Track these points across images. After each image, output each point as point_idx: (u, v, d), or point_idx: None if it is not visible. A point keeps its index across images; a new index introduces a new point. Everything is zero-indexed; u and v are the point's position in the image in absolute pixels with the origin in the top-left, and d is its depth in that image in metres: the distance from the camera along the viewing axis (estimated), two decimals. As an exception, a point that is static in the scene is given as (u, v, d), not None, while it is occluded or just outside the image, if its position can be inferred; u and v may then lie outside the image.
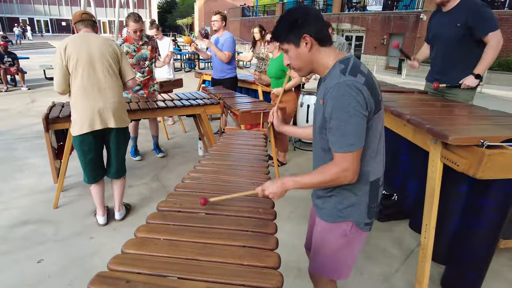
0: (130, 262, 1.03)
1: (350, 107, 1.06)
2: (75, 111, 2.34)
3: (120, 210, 2.77)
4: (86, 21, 2.40)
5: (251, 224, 1.24)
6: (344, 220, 1.27)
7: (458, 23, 2.50)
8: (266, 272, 1.00)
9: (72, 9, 38.40)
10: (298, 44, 1.17)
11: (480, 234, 1.89)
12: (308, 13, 1.16)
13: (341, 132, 1.09)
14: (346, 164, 1.12)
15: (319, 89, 1.27)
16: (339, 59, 1.17)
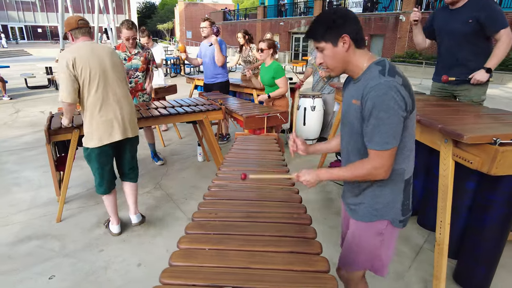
0: (181, 274, 1.02)
1: (389, 107, 1.10)
2: (91, 124, 2.28)
3: (137, 213, 2.75)
4: (83, 28, 2.29)
5: (290, 230, 1.26)
6: (379, 219, 1.30)
7: (470, 19, 2.48)
8: (319, 276, 1.01)
9: (48, 16, 37.40)
10: (336, 43, 1.19)
11: (490, 229, 1.97)
12: (348, 14, 1.19)
13: (378, 131, 1.13)
14: (380, 161, 1.16)
15: (349, 89, 1.31)
16: (373, 61, 1.21)
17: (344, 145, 1.37)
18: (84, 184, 3.55)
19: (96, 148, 2.32)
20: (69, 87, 2.16)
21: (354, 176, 1.22)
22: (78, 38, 2.29)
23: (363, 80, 1.20)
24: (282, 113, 3.20)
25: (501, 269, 2.15)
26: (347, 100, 1.30)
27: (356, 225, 1.37)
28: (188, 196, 3.32)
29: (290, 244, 1.17)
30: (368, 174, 1.19)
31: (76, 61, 2.14)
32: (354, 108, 1.23)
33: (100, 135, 2.29)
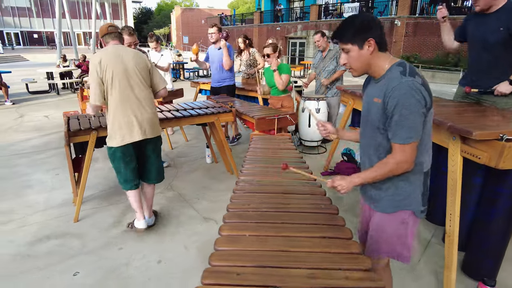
0: (228, 257, 1.12)
1: (411, 104, 1.20)
2: (113, 124, 2.40)
3: (151, 216, 2.82)
4: (112, 33, 2.47)
5: (320, 219, 1.36)
6: (402, 209, 1.40)
7: (501, 27, 2.38)
8: (355, 257, 1.11)
9: (44, 21, 37.36)
10: (361, 46, 1.29)
11: (497, 222, 2.09)
12: (374, 20, 1.29)
13: (401, 126, 1.23)
14: (404, 155, 1.26)
15: (370, 88, 1.42)
16: (394, 63, 1.31)
17: (364, 143, 1.47)
18: (96, 185, 3.62)
19: (119, 147, 2.42)
20: (96, 90, 2.30)
21: (383, 174, 1.31)
22: (108, 43, 2.46)
23: (384, 80, 1.31)
24: (291, 114, 3.31)
25: (505, 262, 2.25)
26: (369, 98, 1.40)
27: (380, 217, 1.46)
28: (200, 196, 3.41)
29: (322, 230, 1.27)
30: (395, 168, 1.29)
31: (101, 63, 2.28)
32: (376, 106, 1.33)
33: (122, 135, 2.40)
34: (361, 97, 3.07)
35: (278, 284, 0.99)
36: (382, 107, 1.29)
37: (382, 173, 1.32)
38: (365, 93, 1.48)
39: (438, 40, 14.17)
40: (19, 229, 2.80)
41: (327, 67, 4.64)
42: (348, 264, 1.07)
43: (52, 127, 6.04)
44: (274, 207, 1.45)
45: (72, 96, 9.33)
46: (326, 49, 4.65)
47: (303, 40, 20.86)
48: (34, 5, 36.82)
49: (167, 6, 57.52)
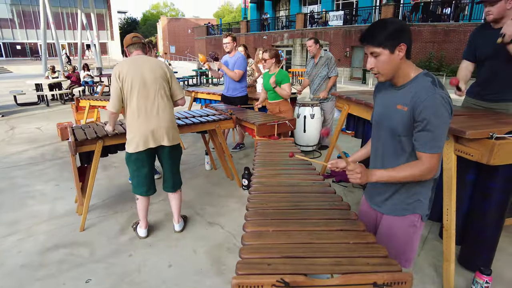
0: (257, 250, 1.21)
1: (443, 115, 1.23)
2: (130, 131, 2.50)
3: (179, 222, 2.91)
4: (136, 44, 2.56)
5: (335, 214, 1.47)
6: (412, 213, 1.45)
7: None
8: (372, 246, 1.23)
9: (27, 32, 36.82)
10: (393, 51, 1.29)
11: (490, 215, 2.24)
12: (406, 25, 1.31)
13: (433, 136, 1.25)
14: (433, 163, 1.29)
15: (389, 94, 1.42)
16: (421, 72, 1.34)
17: (378, 146, 1.49)
18: (99, 195, 3.65)
19: (134, 153, 2.52)
20: (114, 98, 2.42)
21: (407, 177, 1.32)
22: (132, 53, 2.58)
23: (410, 88, 1.32)
24: (290, 120, 3.44)
25: (499, 252, 2.40)
26: (389, 104, 1.40)
27: (389, 220, 1.50)
28: (204, 202, 3.48)
29: (338, 224, 1.38)
30: (422, 175, 1.31)
31: (121, 73, 2.40)
32: (400, 113, 1.33)
33: (137, 142, 2.49)
34: (361, 103, 3.25)
35: (305, 272, 1.09)
36: (409, 116, 1.30)
37: (408, 175, 1.32)
38: (380, 97, 1.51)
39: (420, 46, 14.72)
40: (26, 240, 2.81)
41: (319, 73, 4.80)
42: (367, 252, 1.18)
43: (46, 138, 6.00)
44: (291, 205, 1.55)
45: (63, 108, 9.27)
46: (317, 55, 4.80)
47: (290, 48, 21.23)
48: (16, 16, 36.29)
49: (152, 16, 57.58)
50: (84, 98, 5.78)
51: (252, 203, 1.57)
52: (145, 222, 2.80)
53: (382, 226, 1.55)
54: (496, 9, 2.38)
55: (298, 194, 1.67)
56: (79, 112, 5.95)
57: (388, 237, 1.51)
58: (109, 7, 40.55)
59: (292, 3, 24.01)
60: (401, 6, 16.57)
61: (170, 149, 2.65)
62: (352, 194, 3.66)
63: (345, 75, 17.34)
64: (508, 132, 2.02)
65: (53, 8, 20.77)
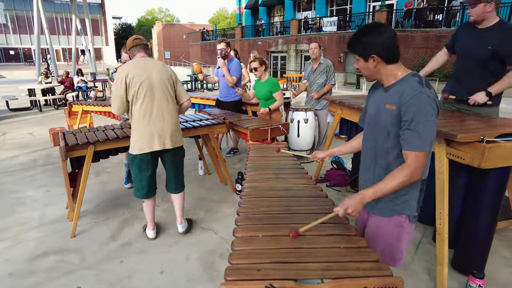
0: (247, 256, 1.19)
1: (429, 113, 1.26)
2: (135, 134, 2.51)
3: (182, 223, 2.90)
4: (138, 46, 2.54)
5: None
6: (399, 214, 1.47)
7: (489, 45, 2.45)
8: (364, 250, 1.21)
9: (21, 37, 36.63)
10: (366, 60, 1.37)
11: (483, 217, 2.25)
12: (378, 36, 1.32)
13: (418, 134, 1.27)
14: (419, 162, 1.30)
15: (379, 95, 1.46)
16: (409, 73, 1.37)
17: (370, 146, 1.51)
18: (91, 200, 3.60)
19: (137, 155, 2.52)
20: (118, 101, 2.43)
21: (398, 184, 1.31)
22: (135, 55, 2.56)
23: (397, 87, 1.36)
24: (283, 124, 3.43)
25: (491, 255, 2.40)
26: (378, 104, 1.45)
27: (377, 220, 1.52)
28: (197, 207, 3.45)
29: (329, 228, 1.37)
30: (410, 177, 1.31)
31: (128, 76, 2.38)
32: (389, 112, 1.37)
33: (141, 144, 2.50)
34: (354, 108, 3.26)
35: (295, 277, 1.07)
36: (397, 114, 1.33)
37: (399, 183, 1.32)
38: (372, 98, 1.54)
39: (413, 51, 14.89)
40: (14, 247, 2.75)
41: (317, 80, 4.77)
42: (357, 257, 1.17)
43: (38, 144, 5.94)
44: (282, 209, 1.54)
45: (56, 113, 9.19)
46: (317, 60, 4.78)
47: (284, 54, 21.34)
48: (10, 21, 36.12)
49: (147, 21, 57.68)
50: (77, 103, 5.74)
51: (243, 207, 1.56)
52: (153, 223, 2.83)
53: (369, 226, 1.58)
54: (475, 12, 2.48)
55: (290, 198, 1.66)
56: (72, 117, 5.90)
57: (375, 237, 1.53)
58: (104, 13, 40.56)
59: (287, 9, 24.20)
60: (394, 12, 16.77)
61: (173, 152, 2.66)
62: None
63: (339, 80, 17.44)
64: (498, 136, 2.04)
65: (47, 13, 20.72)
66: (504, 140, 2.00)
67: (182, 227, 2.91)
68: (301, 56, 20.28)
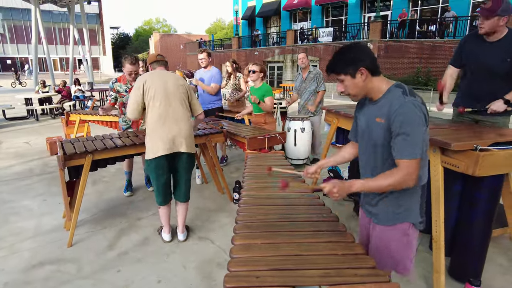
0: (245, 263, 1.20)
1: (415, 122, 1.29)
2: (150, 138, 2.59)
3: (184, 232, 2.96)
4: (160, 61, 2.82)
5: (323, 226, 1.47)
6: (402, 222, 1.47)
7: (508, 57, 2.42)
8: (360, 257, 1.23)
9: (18, 47, 36.72)
10: (354, 75, 1.38)
11: (478, 225, 2.27)
12: (364, 49, 1.39)
13: (407, 143, 1.30)
14: (410, 169, 1.31)
15: (368, 109, 1.49)
16: (392, 84, 1.41)
17: (366, 159, 1.53)
18: (89, 209, 3.59)
19: (153, 160, 2.60)
20: (133, 106, 2.59)
21: (387, 185, 1.34)
22: (155, 69, 2.80)
23: (384, 100, 1.39)
24: (280, 133, 3.46)
25: (488, 263, 2.42)
26: (368, 118, 1.48)
27: (381, 229, 1.51)
28: (194, 217, 3.44)
29: (326, 236, 1.39)
30: (401, 182, 1.33)
31: (146, 83, 2.57)
32: (379, 125, 1.40)
33: (156, 148, 2.57)
34: (349, 117, 3.30)
35: (294, 284, 1.09)
36: (387, 127, 1.37)
37: (388, 184, 1.34)
38: (361, 112, 1.56)
39: (408, 61, 15.11)
40: (9, 257, 2.73)
41: (308, 88, 4.86)
42: (355, 263, 1.19)
43: (34, 153, 5.92)
44: (280, 217, 1.55)
45: (52, 122, 9.17)
46: (306, 69, 4.87)
47: (281, 64, 21.55)
48: (8, 31, 36.26)
49: (145, 31, 58.07)
50: (75, 113, 5.75)
51: (241, 216, 1.57)
52: (168, 227, 2.91)
53: (374, 237, 1.56)
54: (489, 24, 2.43)
55: (287, 206, 1.68)
56: (69, 127, 5.90)
57: (382, 248, 1.52)
58: (101, 23, 40.85)
59: (283, 20, 24.54)
60: (388, 22, 17.06)
61: (187, 156, 2.73)
62: (342, 206, 3.67)
63: (334, 89, 17.61)
64: (491, 144, 2.08)
65: (45, 23, 20.84)
66: (497, 149, 2.04)
67: (183, 235, 2.96)
68: (297, 66, 20.47)
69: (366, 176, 1.56)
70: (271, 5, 24.55)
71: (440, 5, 16.95)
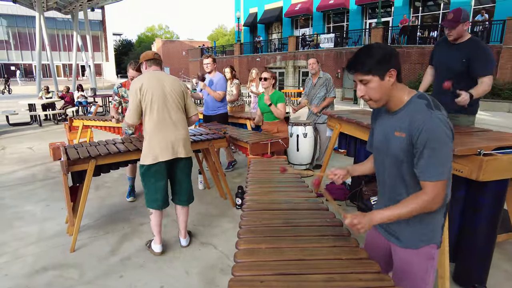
0: (250, 268, 1.20)
1: (442, 139, 1.16)
2: (148, 143, 2.56)
3: (186, 237, 2.92)
4: (157, 60, 2.74)
5: (327, 230, 1.47)
6: (428, 244, 1.33)
7: (464, 58, 2.69)
8: (364, 262, 1.23)
9: (22, 53, 37.09)
10: (383, 77, 1.23)
11: (482, 230, 2.26)
12: (394, 50, 1.25)
13: (433, 163, 1.18)
14: (437, 192, 1.20)
15: (385, 120, 1.35)
16: (414, 95, 1.28)
17: (385, 176, 1.39)
18: (92, 215, 3.59)
19: (152, 165, 2.57)
20: (133, 111, 2.52)
21: (411, 211, 1.22)
22: (150, 67, 2.72)
23: (404, 112, 1.26)
24: (283, 138, 3.47)
25: (493, 269, 2.40)
26: (386, 130, 1.34)
27: (406, 253, 1.36)
28: (196, 222, 3.44)
29: (331, 240, 1.38)
30: (426, 206, 1.21)
31: (142, 87, 2.51)
32: (399, 140, 1.27)
33: (156, 154, 2.55)
34: (352, 122, 3.31)
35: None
36: (408, 142, 1.24)
37: (412, 210, 1.23)
38: (377, 123, 1.44)
39: (409, 67, 15.14)
40: (13, 262, 2.73)
41: (318, 94, 4.84)
42: (359, 268, 1.18)
43: (37, 158, 5.94)
44: (284, 222, 1.55)
45: (55, 128, 9.22)
46: (316, 74, 4.87)
47: (282, 70, 21.63)
48: (12, 38, 36.68)
49: (147, 38, 58.54)
50: (78, 118, 5.78)
51: (245, 220, 1.57)
52: (160, 237, 2.81)
53: (397, 260, 1.41)
54: (456, 32, 2.75)
55: (291, 211, 1.68)
56: (72, 132, 5.94)
57: (404, 272, 1.39)
58: (104, 29, 41.25)
59: (284, 26, 24.70)
60: (389, 28, 17.14)
61: (186, 161, 2.72)
62: (345, 212, 3.65)
63: (337, 95, 17.62)
64: (495, 149, 2.08)
65: (49, 30, 21.06)
66: (500, 153, 2.04)
67: (186, 241, 2.92)
68: (299, 72, 20.57)
69: (382, 191, 1.46)
70: (273, 12, 24.73)
71: (441, 11, 17.04)
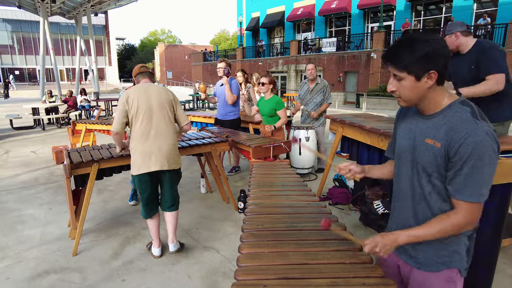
0: (253, 272, 1.20)
1: (487, 155, 1.02)
2: (134, 153, 2.59)
3: (174, 242, 2.88)
4: (144, 73, 2.78)
5: (330, 234, 1.46)
6: (449, 268, 1.19)
7: (472, 65, 2.65)
8: (368, 266, 1.22)
9: (26, 58, 37.42)
10: (420, 78, 1.08)
11: (487, 234, 2.24)
12: (443, 48, 1.07)
13: (473, 181, 1.04)
14: (473, 214, 1.07)
15: (416, 124, 1.20)
16: (456, 100, 1.12)
17: (403, 183, 1.25)
18: (93, 218, 3.59)
19: (136, 175, 2.60)
20: (119, 120, 2.55)
21: (440, 232, 1.10)
22: (140, 81, 2.77)
23: (442, 118, 1.11)
24: (285, 142, 3.47)
25: (498, 274, 2.38)
26: (414, 135, 1.19)
27: (424, 276, 1.23)
28: (199, 226, 3.43)
29: (334, 244, 1.38)
30: (458, 228, 1.10)
31: (129, 98, 2.55)
32: (430, 149, 1.12)
33: (139, 165, 2.57)
34: (354, 126, 3.31)
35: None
36: (442, 153, 1.08)
37: (441, 230, 1.10)
38: (403, 126, 1.27)
39: (412, 71, 15.12)
40: (15, 265, 2.73)
41: (314, 99, 4.89)
42: (363, 272, 1.18)
43: (41, 162, 5.97)
44: (287, 226, 1.55)
45: (59, 131, 9.27)
46: (314, 80, 4.90)
47: (284, 74, 21.69)
48: (16, 42, 37.03)
49: (150, 42, 58.92)
50: (81, 122, 5.81)
51: (247, 224, 1.56)
52: (158, 241, 2.84)
53: (413, 283, 1.26)
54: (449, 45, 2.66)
55: (294, 215, 1.67)
56: (75, 136, 5.96)
57: None
58: (107, 34, 41.56)
59: (287, 31, 24.78)
60: (391, 32, 17.17)
61: (170, 173, 2.72)
62: (348, 216, 3.65)
63: (339, 99, 17.66)
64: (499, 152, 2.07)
65: (53, 35, 21.26)
66: (504, 157, 2.03)
67: (174, 246, 2.87)
68: (301, 76, 20.60)
69: (398, 206, 1.31)
70: (275, 16, 24.83)
71: (443, 15, 17.06)
